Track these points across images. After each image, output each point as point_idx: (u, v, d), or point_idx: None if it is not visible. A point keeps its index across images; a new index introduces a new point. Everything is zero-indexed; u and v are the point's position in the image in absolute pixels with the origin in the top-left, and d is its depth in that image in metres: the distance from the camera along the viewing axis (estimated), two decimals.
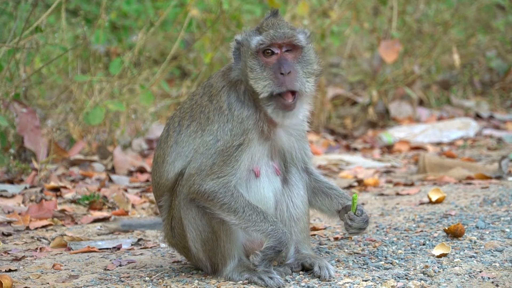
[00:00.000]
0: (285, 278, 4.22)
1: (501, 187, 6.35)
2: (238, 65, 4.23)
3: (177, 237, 4.35)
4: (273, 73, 4.11)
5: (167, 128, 4.39)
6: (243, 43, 4.22)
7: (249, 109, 4.20)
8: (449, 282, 4.12)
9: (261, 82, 4.12)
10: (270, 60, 4.15)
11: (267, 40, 4.13)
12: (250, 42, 4.18)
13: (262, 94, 4.12)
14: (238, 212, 4.12)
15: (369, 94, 9.95)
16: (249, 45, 4.17)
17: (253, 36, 4.19)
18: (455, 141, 9.19)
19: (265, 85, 4.11)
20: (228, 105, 4.21)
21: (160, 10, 9.11)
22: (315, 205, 4.49)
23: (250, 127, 4.18)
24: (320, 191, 4.47)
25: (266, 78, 4.12)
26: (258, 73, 4.13)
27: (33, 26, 6.63)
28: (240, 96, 4.23)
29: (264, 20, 4.24)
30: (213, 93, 4.27)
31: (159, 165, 4.35)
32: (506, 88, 11.33)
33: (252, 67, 4.14)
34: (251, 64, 4.14)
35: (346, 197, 4.43)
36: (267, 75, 4.11)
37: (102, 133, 7.77)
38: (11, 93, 6.65)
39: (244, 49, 4.21)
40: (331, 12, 9.36)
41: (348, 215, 4.29)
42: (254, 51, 4.15)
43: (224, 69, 4.36)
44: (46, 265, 4.70)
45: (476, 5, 10.79)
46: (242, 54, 4.22)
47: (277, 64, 4.12)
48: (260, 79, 4.12)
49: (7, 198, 6.19)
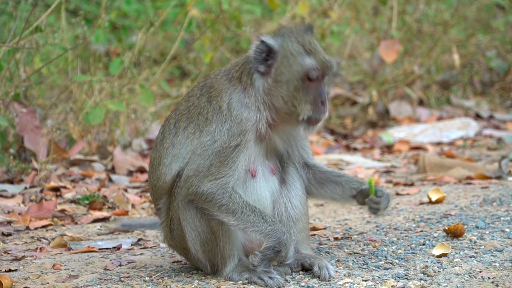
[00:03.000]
0: (285, 278, 4.23)
1: (501, 187, 6.35)
2: (261, 68, 4.20)
3: (177, 239, 4.35)
4: (314, 100, 4.17)
5: (163, 130, 4.37)
6: (282, 53, 4.16)
7: (250, 111, 4.20)
8: (449, 282, 4.12)
9: (304, 106, 4.16)
10: (312, 85, 4.18)
11: (320, 68, 4.17)
12: (300, 62, 4.16)
13: (301, 117, 4.17)
14: (237, 213, 4.12)
15: (369, 94, 9.95)
16: (298, 64, 4.15)
17: (301, 55, 4.16)
18: (455, 141, 9.19)
19: (307, 109, 4.17)
20: (228, 105, 4.19)
21: (160, 10, 9.11)
22: (326, 196, 4.50)
23: (248, 128, 4.18)
24: (329, 181, 4.48)
25: (307, 103, 4.16)
26: (301, 96, 4.16)
27: (33, 26, 6.63)
28: (241, 97, 4.21)
29: (302, 35, 4.21)
30: (213, 94, 4.25)
31: (156, 167, 4.34)
32: (506, 88, 11.33)
33: (297, 87, 4.16)
34: (297, 84, 4.16)
35: (357, 180, 4.46)
36: (309, 100, 4.16)
37: (102, 133, 7.77)
38: (11, 93, 6.65)
39: (284, 61, 4.16)
40: (331, 12, 9.36)
41: (370, 199, 4.34)
42: (304, 72, 4.16)
43: (227, 69, 4.33)
44: (46, 265, 4.70)
45: (476, 5, 10.79)
46: (278, 66, 4.17)
47: (318, 92, 4.18)
48: (302, 101, 4.16)
49: (7, 198, 6.20)
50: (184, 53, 9.00)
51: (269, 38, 4.18)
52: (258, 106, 4.20)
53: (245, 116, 4.18)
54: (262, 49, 4.17)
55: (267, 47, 4.16)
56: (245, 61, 4.26)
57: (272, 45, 4.16)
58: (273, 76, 4.18)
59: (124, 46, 9.16)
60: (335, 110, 10.21)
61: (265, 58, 4.18)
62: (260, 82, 4.19)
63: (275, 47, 4.16)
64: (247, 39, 9.26)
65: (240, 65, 4.26)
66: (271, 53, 4.17)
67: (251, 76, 4.20)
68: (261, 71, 4.18)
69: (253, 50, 4.19)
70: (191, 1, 7.81)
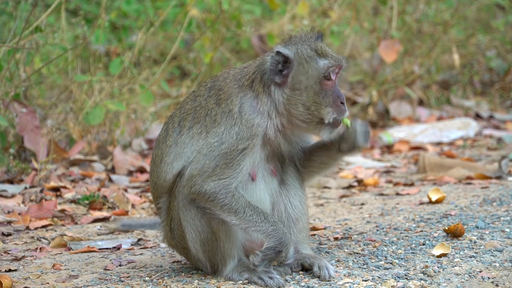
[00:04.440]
0: (285, 278, 4.23)
1: (501, 187, 6.35)
2: (278, 79, 4.19)
3: (177, 238, 4.35)
4: (333, 101, 4.20)
5: (166, 127, 4.36)
6: (297, 61, 4.18)
7: (262, 117, 4.20)
8: (449, 282, 4.12)
9: (326, 109, 4.19)
10: (329, 85, 4.21)
11: (335, 63, 4.20)
12: (316, 65, 4.18)
13: (326, 120, 4.20)
14: (239, 212, 4.13)
15: (369, 94, 9.95)
16: (315, 68, 4.18)
17: (316, 59, 4.20)
18: (455, 141, 9.19)
19: (329, 112, 4.20)
20: (240, 109, 4.19)
21: (160, 10, 9.10)
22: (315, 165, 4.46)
23: (258, 134, 4.18)
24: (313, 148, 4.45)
25: (329, 105, 4.20)
26: (321, 99, 4.19)
27: (33, 26, 6.63)
28: (254, 103, 4.21)
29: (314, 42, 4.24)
30: (222, 97, 4.24)
31: (157, 165, 4.33)
32: (506, 88, 11.33)
33: (316, 92, 4.19)
34: (316, 88, 4.19)
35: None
36: (329, 102, 4.20)
37: (102, 133, 7.77)
38: (11, 93, 6.65)
39: (300, 69, 4.18)
40: (331, 12, 9.36)
41: (347, 130, 4.32)
42: (322, 75, 4.19)
43: (236, 74, 4.30)
44: (46, 265, 4.70)
45: (476, 5, 10.78)
46: (295, 74, 4.18)
47: (335, 93, 4.21)
48: (323, 104, 4.19)
49: (7, 198, 6.20)
50: (184, 53, 9.00)
51: (283, 49, 4.21)
52: (270, 114, 4.21)
53: (257, 121, 4.19)
54: (278, 59, 4.20)
55: (283, 57, 4.19)
56: (256, 70, 4.27)
57: (288, 54, 4.19)
58: (290, 86, 4.20)
59: (124, 46, 9.16)
60: None
61: (280, 69, 4.20)
62: (278, 93, 4.21)
63: (290, 56, 4.19)
64: (247, 39, 9.26)
65: (251, 74, 4.27)
66: (286, 63, 4.20)
67: (267, 87, 4.22)
68: (278, 82, 4.20)
69: (269, 62, 4.21)
70: (191, 1, 7.81)
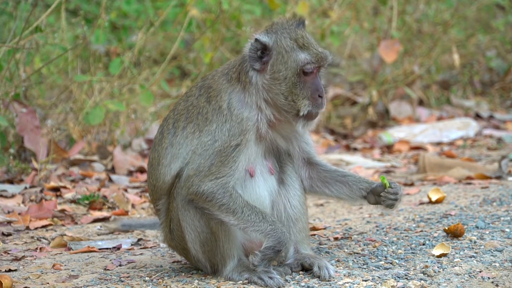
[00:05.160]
0: (285, 278, 4.23)
1: (501, 187, 6.35)
2: (257, 66, 4.21)
3: (176, 239, 4.35)
4: (311, 94, 4.19)
5: (161, 130, 4.37)
6: (276, 50, 4.18)
7: (251, 110, 4.21)
8: (449, 282, 4.12)
9: (302, 101, 4.18)
10: (308, 79, 4.20)
11: (315, 61, 4.19)
12: (295, 58, 4.17)
13: (301, 112, 4.19)
14: (237, 212, 4.12)
15: (369, 94, 9.95)
16: (293, 60, 4.17)
17: (295, 51, 4.18)
18: (455, 141, 9.19)
19: (305, 104, 4.18)
20: (228, 105, 4.20)
21: (160, 10, 9.11)
22: (331, 195, 4.48)
23: (249, 128, 4.18)
24: (333, 180, 4.46)
25: (305, 97, 4.19)
26: (298, 91, 4.18)
27: (33, 26, 6.63)
28: (241, 96, 4.22)
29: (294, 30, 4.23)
30: (212, 94, 4.25)
31: (155, 167, 4.34)
32: (506, 88, 11.33)
33: (294, 83, 4.18)
34: (294, 80, 4.18)
35: (365, 180, 4.44)
36: (306, 94, 4.19)
37: (102, 133, 7.77)
38: (11, 93, 6.65)
39: (278, 58, 4.18)
40: (331, 12, 9.36)
41: (387, 192, 4.32)
42: (300, 68, 4.18)
43: (224, 69, 4.34)
44: (46, 265, 4.70)
45: (476, 5, 10.78)
46: (274, 63, 4.19)
47: (315, 85, 4.20)
48: (300, 96, 4.18)
49: (7, 198, 6.20)
50: (184, 53, 9.00)
51: (262, 36, 4.21)
52: (260, 104, 4.21)
53: (246, 115, 4.19)
54: (257, 46, 4.20)
55: (262, 45, 4.19)
56: (241, 61, 4.28)
57: (266, 42, 4.19)
58: (270, 73, 4.20)
59: (124, 46, 9.16)
60: (335, 110, 10.21)
61: (260, 56, 4.20)
62: (257, 79, 4.21)
63: (269, 44, 4.19)
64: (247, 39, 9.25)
65: (237, 65, 4.28)
66: (265, 50, 4.20)
67: (247, 74, 4.21)
68: (256, 68, 4.20)
69: (248, 48, 4.22)
70: (191, 1, 7.81)
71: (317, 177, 4.47)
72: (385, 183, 4.34)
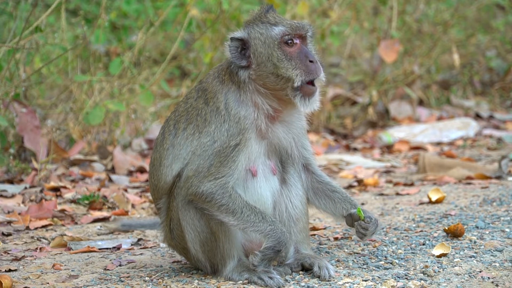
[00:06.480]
0: (285, 278, 4.23)
1: (501, 187, 6.35)
2: (243, 62, 4.23)
3: (176, 239, 4.35)
4: (301, 62, 4.17)
5: (163, 131, 4.39)
6: (252, 38, 4.21)
7: (247, 108, 4.21)
8: (449, 282, 4.12)
9: (293, 71, 4.16)
10: (293, 50, 4.19)
11: (291, 30, 4.18)
12: (270, 34, 4.19)
13: (296, 83, 4.16)
14: (237, 213, 4.13)
15: (369, 94, 9.95)
16: (270, 37, 4.18)
17: (269, 29, 4.20)
18: (455, 141, 9.19)
19: (296, 74, 4.16)
20: (225, 105, 4.21)
21: (160, 10, 9.10)
22: (317, 206, 4.49)
23: (247, 127, 4.19)
24: (323, 194, 4.46)
25: (295, 67, 4.17)
26: (286, 63, 4.17)
27: (33, 26, 6.63)
28: (237, 96, 4.23)
29: (265, 14, 4.25)
30: (209, 96, 4.27)
31: (156, 168, 4.35)
32: (506, 88, 11.33)
33: (279, 57, 4.17)
34: (278, 54, 4.17)
35: (349, 201, 4.42)
36: (296, 64, 4.17)
37: (102, 133, 7.77)
38: (11, 93, 6.65)
39: (256, 43, 4.20)
40: (331, 12, 9.36)
41: (359, 224, 4.31)
42: (278, 41, 4.17)
43: (215, 72, 4.35)
44: (46, 265, 4.70)
45: (476, 5, 10.78)
46: (254, 50, 4.20)
47: (302, 54, 4.18)
48: (290, 68, 4.16)
49: (7, 198, 6.20)
50: (184, 53, 9.00)
51: (237, 33, 4.25)
52: (255, 100, 4.21)
53: (243, 114, 4.19)
54: (235, 45, 4.23)
55: (238, 41, 4.22)
56: (228, 64, 4.31)
57: (241, 36, 4.23)
58: (255, 62, 4.21)
59: (124, 46, 9.15)
60: (335, 110, 10.21)
61: (242, 52, 4.22)
62: (246, 74, 4.22)
63: (244, 36, 4.22)
64: None
65: (226, 68, 4.31)
66: (244, 45, 4.22)
67: (237, 74, 4.23)
68: (243, 65, 4.22)
69: (227, 51, 4.25)
70: (191, 1, 7.81)
71: (311, 187, 4.47)
72: (359, 215, 4.31)
